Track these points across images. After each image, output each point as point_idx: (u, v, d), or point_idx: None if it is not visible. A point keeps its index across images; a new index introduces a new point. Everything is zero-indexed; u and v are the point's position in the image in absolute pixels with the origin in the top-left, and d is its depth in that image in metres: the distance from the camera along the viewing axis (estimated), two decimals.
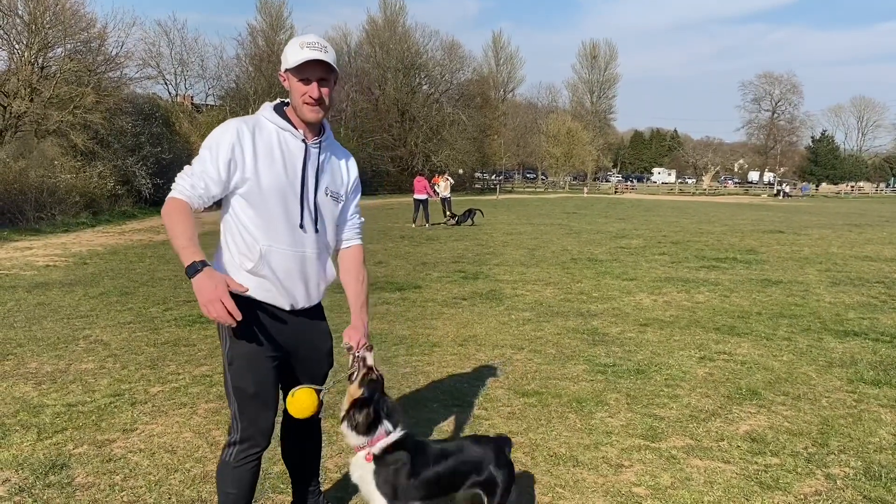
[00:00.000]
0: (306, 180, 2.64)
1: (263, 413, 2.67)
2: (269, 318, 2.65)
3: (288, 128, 2.61)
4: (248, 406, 2.65)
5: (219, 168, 2.50)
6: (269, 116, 2.62)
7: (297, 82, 2.56)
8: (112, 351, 6.05)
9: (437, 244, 15.81)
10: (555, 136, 75.77)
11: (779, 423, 4.48)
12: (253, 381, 2.63)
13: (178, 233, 2.41)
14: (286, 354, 2.74)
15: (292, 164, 2.61)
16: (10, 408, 4.59)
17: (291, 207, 2.62)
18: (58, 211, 19.60)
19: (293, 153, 2.61)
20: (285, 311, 2.69)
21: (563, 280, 10.41)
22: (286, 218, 2.61)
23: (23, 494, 3.38)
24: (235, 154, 2.51)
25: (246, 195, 2.56)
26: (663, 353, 6.20)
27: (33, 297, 8.51)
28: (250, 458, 2.69)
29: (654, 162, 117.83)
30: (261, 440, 2.69)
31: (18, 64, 25.27)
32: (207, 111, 43.63)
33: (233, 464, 2.68)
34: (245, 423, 2.66)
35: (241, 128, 2.55)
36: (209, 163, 2.50)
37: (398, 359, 5.92)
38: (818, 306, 8.43)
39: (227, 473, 2.70)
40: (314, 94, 2.55)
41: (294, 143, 2.62)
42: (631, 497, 3.46)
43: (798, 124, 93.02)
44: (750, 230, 20.68)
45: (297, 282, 2.68)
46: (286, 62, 2.57)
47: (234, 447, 2.68)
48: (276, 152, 2.58)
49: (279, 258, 2.61)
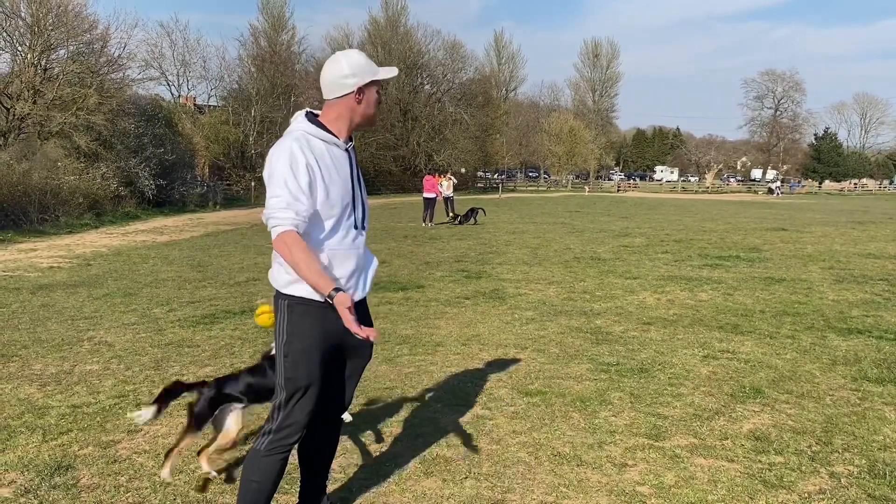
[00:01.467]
0: (354, 184, 2.83)
1: (308, 406, 2.78)
2: (328, 314, 2.70)
3: (332, 140, 2.75)
4: (295, 397, 2.76)
5: (305, 190, 2.61)
6: (312, 132, 2.73)
7: (375, 93, 2.79)
8: (116, 352, 6.07)
9: (440, 243, 15.82)
10: (557, 135, 75.73)
11: (783, 422, 4.48)
12: (306, 374, 2.75)
13: (309, 267, 2.58)
14: (338, 348, 2.86)
15: (344, 172, 2.77)
16: (15, 409, 4.60)
17: (350, 211, 2.80)
18: (61, 212, 19.64)
19: (341, 161, 2.78)
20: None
21: (566, 279, 10.41)
22: (347, 222, 2.78)
23: (28, 496, 3.40)
24: (311, 174, 2.64)
25: (319, 209, 2.69)
26: (667, 351, 6.20)
27: (37, 299, 8.54)
28: (281, 448, 2.77)
29: (657, 160, 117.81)
30: (296, 431, 2.79)
31: (21, 66, 25.34)
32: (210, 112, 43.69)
33: (262, 452, 2.77)
34: (285, 414, 2.76)
35: (303, 149, 2.65)
36: (296, 188, 2.60)
37: (402, 359, 5.92)
38: (821, 304, 8.42)
39: (255, 462, 2.79)
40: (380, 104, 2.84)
41: (339, 152, 2.77)
42: (635, 496, 3.47)
43: (801, 121, 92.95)
44: (753, 228, 20.66)
45: (357, 278, 2.85)
46: (374, 74, 2.76)
47: (268, 436, 2.78)
48: (330, 164, 2.73)
49: (342, 259, 2.76)
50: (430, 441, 4.15)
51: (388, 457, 3.94)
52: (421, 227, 20.92)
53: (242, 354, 5.97)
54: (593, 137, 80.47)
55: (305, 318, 2.72)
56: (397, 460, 3.89)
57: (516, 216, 26.56)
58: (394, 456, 3.95)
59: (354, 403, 4.67)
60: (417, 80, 58.12)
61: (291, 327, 2.74)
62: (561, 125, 76.54)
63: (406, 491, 3.52)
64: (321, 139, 2.72)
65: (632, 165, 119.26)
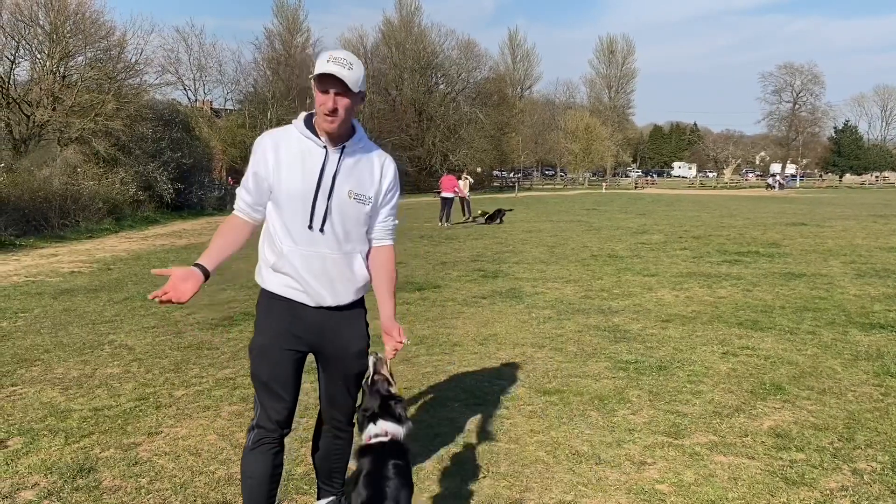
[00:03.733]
0: (321, 184, 2.73)
1: (274, 403, 2.78)
2: (291, 313, 2.79)
3: (310, 136, 2.73)
4: (261, 394, 2.81)
5: (248, 180, 2.77)
6: (297, 126, 2.78)
7: (317, 92, 2.66)
8: (136, 355, 6.13)
9: (457, 243, 15.82)
10: (573, 133, 75.55)
11: (804, 418, 4.43)
12: (266, 370, 2.78)
13: (212, 241, 2.79)
14: (311, 349, 2.85)
15: (312, 169, 2.72)
16: (38, 413, 4.66)
17: (310, 210, 2.73)
18: (81, 217, 19.85)
19: (314, 159, 2.73)
20: (310, 307, 2.78)
21: (583, 277, 10.37)
22: (303, 220, 2.73)
23: (52, 498, 3.44)
24: (259, 167, 2.74)
25: (274, 199, 2.76)
26: (685, 349, 6.16)
27: (59, 304, 8.64)
28: (263, 443, 2.79)
29: (674, 156, 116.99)
30: (271, 428, 2.79)
31: (41, 73, 25.65)
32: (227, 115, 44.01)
33: (250, 447, 2.81)
34: (259, 410, 2.82)
35: (266, 141, 2.76)
36: (246, 178, 2.78)
37: (419, 358, 5.93)
38: (843, 299, 8.33)
39: (246, 458, 2.84)
40: (329, 105, 2.63)
41: (315, 150, 2.73)
42: (654, 494, 3.45)
43: (820, 115, 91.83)
44: (772, 223, 20.47)
45: (321, 280, 2.76)
46: (314, 72, 2.68)
47: (252, 432, 2.83)
48: (297, 160, 2.72)
49: (299, 257, 2.74)
50: (447, 440, 4.15)
51: None
52: (437, 227, 20.88)
53: None
54: (610, 134, 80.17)
55: (270, 313, 2.80)
56: (415, 460, 3.89)
57: (533, 215, 26.50)
58: (412, 455, 3.95)
59: None
60: (432, 79, 58.18)
61: (257, 321, 2.86)
62: (577, 122, 76.32)
63: (424, 490, 3.53)
64: (301, 134, 2.75)
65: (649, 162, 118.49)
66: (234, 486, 3.54)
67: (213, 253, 2.72)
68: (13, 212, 17.29)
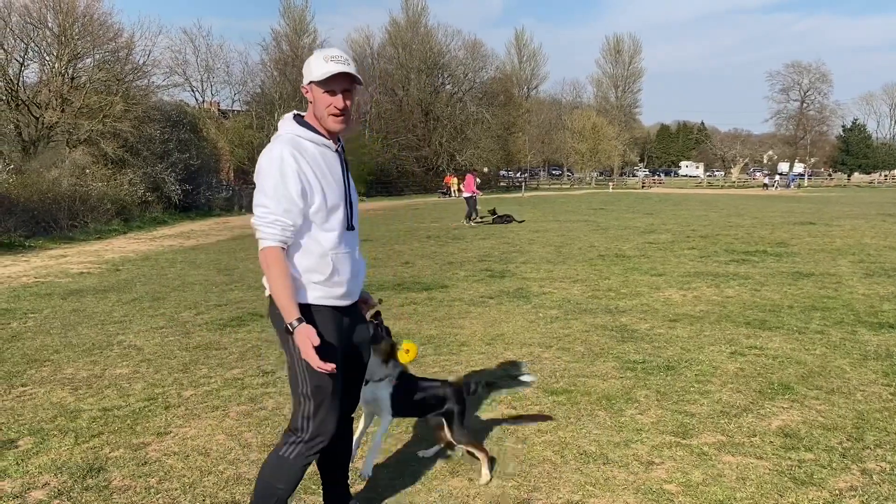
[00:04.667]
0: (346, 184, 2.80)
1: (335, 415, 2.81)
2: (339, 321, 2.80)
3: (323, 141, 2.72)
4: (324, 405, 2.75)
5: (295, 200, 2.60)
6: (302, 134, 2.69)
7: (322, 94, 2.65)
8: (145, 356, 6.16)
9: (463, 243, 15.82)
10: (580, 132, 75.44)
11: (812, 418, 4.42)
12: (335, 383, 2.76)
13: (281, 290, 2.61)
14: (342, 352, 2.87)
15: (336, 173, 2.75)
16: (48, 413, 4.69)
17: (344, 212, 2.77)
18: (90, 219, 19.97)
19: (332, 163, 2.74)
20: (346, 307, 2.84)
21: (590, 277, 10.36)
22: (343, 224, 2.76)
23: (62, 498, 3.46)
24: (303, 181, 2.61)
25: (314, 214, 2.66)
26: (693, 348, 6.15)
27: (68, 304, 8.68)
28: (311, 456, 2.80)
29: (682, 155, 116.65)
30: (328, 438, 2.81)
31: (49, 75, 25.79)
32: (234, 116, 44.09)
33: (293, 461, 2.78)
34: (317, 423, 2.76)
35: (294, 154, 2.62)
36: (285, 198, 2.58)
37: (426, 359, 5.93)
38: (851, 298, 8.29)
39: (284, 470, 2.79)
40: (340, 105, 2.64)
41: (330, 154, 2.74)
42: (662, 494, 3.44)
43: (828, 113, 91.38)
44: (780, 222, 20.39)
45: (354, 279, 2.84)
46: (310, 75, 2.66)
47: (299, 445, 2.77)
48: (324, 167, 2.70)
49: (343, 262, 2.76)
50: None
51: (413, 456, 3.96)
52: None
53: (269, 356, 6.02)
54: (616, 134, 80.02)
55: (325, 324, 2.71)
56: (423, 460, 3.90)
57: (539, 214, 26.47)
58: (419, 455, 3.96)
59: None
60: (438, 80, 58.16)
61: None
62: (584, 122, 76.20)
63: (432, 490, 3.54)
64: (312, 141, 2.69)
65: (656, 161, 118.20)
66: (243, 486, 3.55)
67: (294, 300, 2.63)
68: (22, 213, 17.40)
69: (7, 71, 24.69)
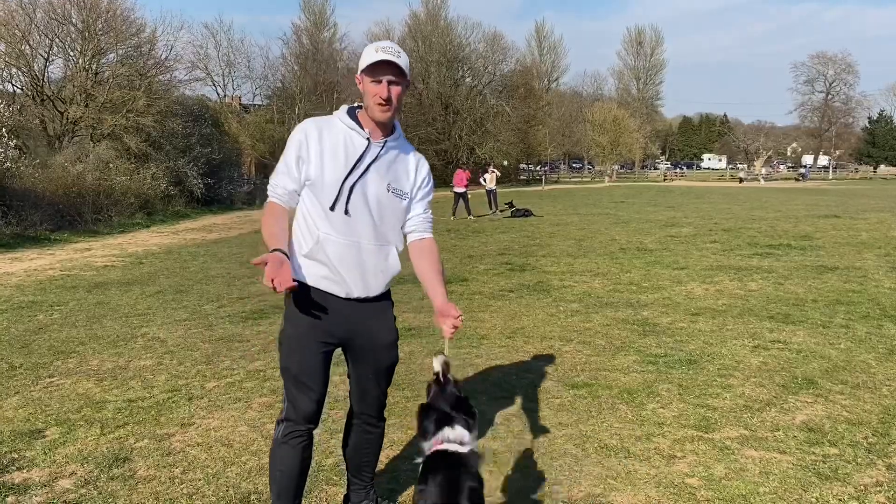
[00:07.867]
0: (355, 168, 2.74)
1: (304, 395, 2.79)
2: (322, 304, 2.79)
3: (354, 127, 2.76)
4: (290, 387, 2.81)
5: (290, 165, 2.74)
6: (340, 117, 2.80)
7: (370, 83, 2.69)
8: (169, 348, 6.22)
9: (484, 237, 15.80)
10: (601, 125, 74.86)
11: (837, 413, 4.37)
12: (296, 362, 2.78)
13: (264, 232, 2.70)
14: (340, 342, 2.86)
15: (352, 157, 2.75)
16: (74, 404, 4.76)
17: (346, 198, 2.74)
18: (114, 212, 20.19)
19: (356, 148, 2.76)
20: (340, 298, 2.80)
21: (611, 270, 10.31)
22: (339, 207, 2.74)
23: (88, 487, 3.51)
24: (302, 151, 2.73)
25: (312, 187, 2.74)
26: (716, 342, 6.10)
27: (93, 297, 8.79)
28: (292, 436, 2.81)
29: (704, 148, 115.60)
30: (301, 421, 2.80)
31: (74, 70, 26.08)
32: (255, 111, 44.33)
33: (280, 440, 2.83)
34: (288, 404, 2.82)
35: (310, 127, 2.77)
36: (283, 162, 2.76)
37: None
38: (877, 292, 8.18)
39: (275, 451, 2.86)
40: (384, 93, 2.67)
41: (358, 141, 2.76)
42: (684, 488, 3.43)
43: (854, 105, 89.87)
44: (804, 215, 20.16)
45: (353, 271, 2.78)
46: (362, 64, 2.71)
47: (281, 425, 2.84)
48: (340, 149, 2.74)
49: (334, 246, 2.74)
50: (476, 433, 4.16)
51: None
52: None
53: None
54: (638, 126, 79.35)
55: (301, 304, 2.77)
56: None
57: (560, 207, 26.37)
58: None
59: (399, 397, 4.72)
60: (458, 73, 58.01)
61: (287, 312, 2.84)
62: (604, 115, 75.62)
63: None
64: (345, 125, 2.77)
65: (678, 154, 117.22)
66: (265, 477, 3.58)
67: (282, 237, 2.63)
68: (48, 207, 17.63)
69: (32, 66, 25.01)
